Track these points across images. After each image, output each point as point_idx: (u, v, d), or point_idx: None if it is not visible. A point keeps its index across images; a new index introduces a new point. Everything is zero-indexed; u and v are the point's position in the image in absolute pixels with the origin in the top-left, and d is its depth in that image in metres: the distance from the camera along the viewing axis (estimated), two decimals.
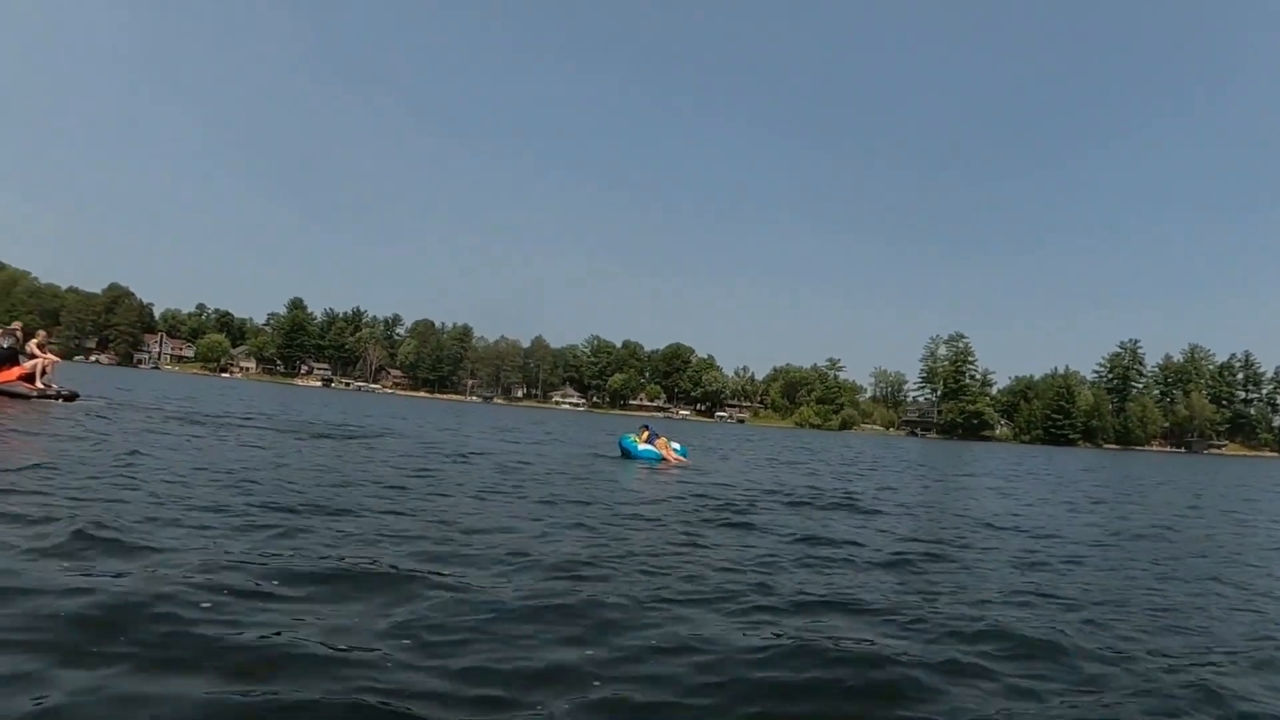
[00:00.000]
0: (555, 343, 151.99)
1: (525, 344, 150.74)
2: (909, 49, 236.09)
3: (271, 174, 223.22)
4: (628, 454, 16.28)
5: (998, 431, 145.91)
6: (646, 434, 16.71)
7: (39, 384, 16.95)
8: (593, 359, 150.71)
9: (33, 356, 17.31)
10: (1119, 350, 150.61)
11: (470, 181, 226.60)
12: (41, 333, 19.01)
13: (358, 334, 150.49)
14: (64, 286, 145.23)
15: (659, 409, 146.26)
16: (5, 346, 17.02)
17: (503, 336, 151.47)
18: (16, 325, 18.18)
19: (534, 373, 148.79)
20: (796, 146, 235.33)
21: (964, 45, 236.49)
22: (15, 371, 16.89)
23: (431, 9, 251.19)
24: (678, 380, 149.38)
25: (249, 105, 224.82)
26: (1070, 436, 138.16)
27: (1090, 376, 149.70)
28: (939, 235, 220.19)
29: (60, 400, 16.96)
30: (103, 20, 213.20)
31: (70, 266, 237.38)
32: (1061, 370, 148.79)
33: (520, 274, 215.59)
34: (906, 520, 9.21)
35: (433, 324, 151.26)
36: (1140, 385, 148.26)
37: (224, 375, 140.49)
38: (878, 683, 3.18)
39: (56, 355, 19.16)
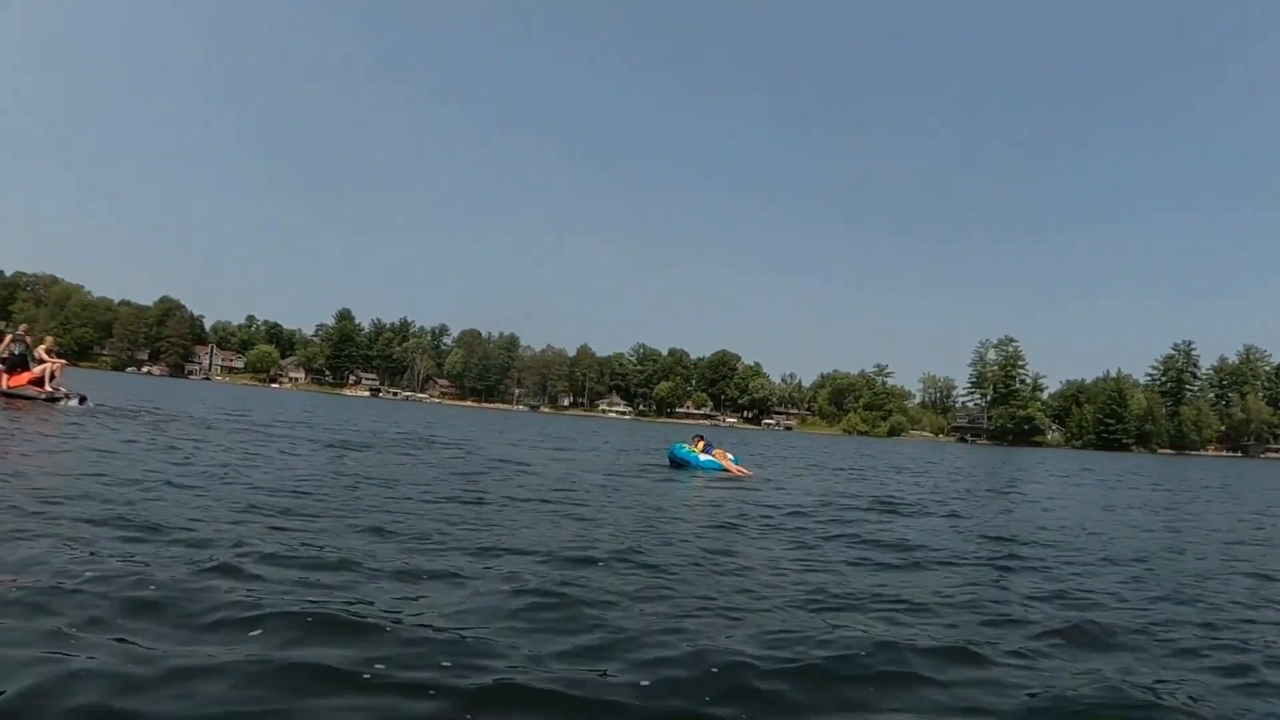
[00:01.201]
0: (601, 351, 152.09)
1: (571, 353, 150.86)
2: (941, 31, 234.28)
3: (319, 186, 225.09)
4: (683, 463, 15.42)
5: (1049, 437, 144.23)
6: (702, 444, 15.91)
7: (48, 388, 17.40)
8: (639, 367, 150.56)
9: (41, 361, 17.81)
10: (1172, 352, 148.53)
11: (514, 189, 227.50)
12: (49, 338, 19.41)
13: (405, 344, 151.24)
14: (116, 300, 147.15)
15: (705, 417, 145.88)
16: (15, 352, 17.69)
17: (549, 345, 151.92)
18: (24, 330, 18.78)
19: (580, 381, 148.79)
20: (834, 143, 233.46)
21: (994, 22, 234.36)
22: (25, 376, 17.47)
23: (467, 12, 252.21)
24: (724, 388, 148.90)
25: (296, 117, 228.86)
26: (1124, 441, 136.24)
27: (1143, 380, 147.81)
28: (987, 235, 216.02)
29: (71, 403, 17.24)
30: (154, 34, 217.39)
31: (123, 280, 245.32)
32: (1114, 373, 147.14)
33: (564, 282, 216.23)
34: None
35: (479, 334, 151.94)
36: (1195, 388, 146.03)
37: (273, 386, 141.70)
38: None
39: (64, 360, 19.68)
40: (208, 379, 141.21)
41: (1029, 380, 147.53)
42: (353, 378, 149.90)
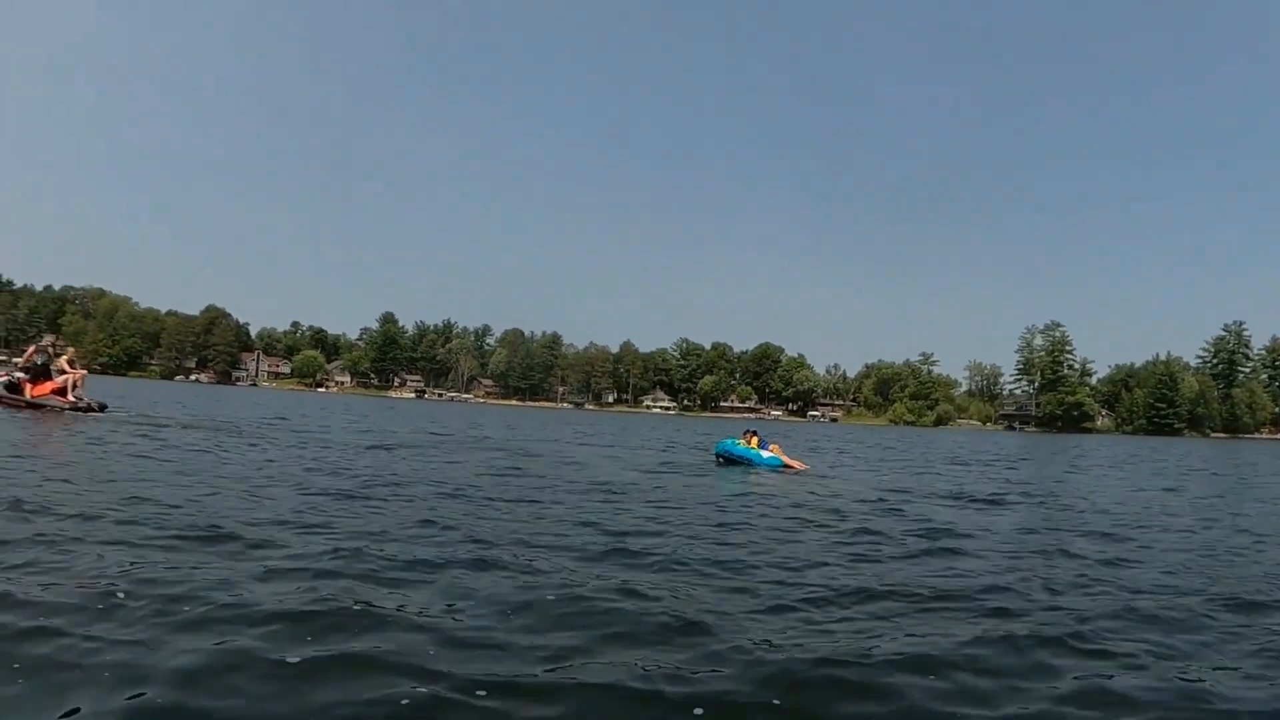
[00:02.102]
0: (644, 347, 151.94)
1: (614, 349, 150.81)
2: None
3: (359, 191, 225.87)
4: (742, 460, 14.73)
5: (1098, 423, 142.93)
6: (756, 440, 15.31)
7: (70, 397, 17.82)
8: (682, 362, 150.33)
9: (63, 372, 18.31)
10: (1223, 333, 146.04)
11: (553, 186, 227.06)
12: (71, 350, 20.10)
13: (448, 345, 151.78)
14: (163, 310, 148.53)
15: (750, 410, 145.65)
16: (39, 363, 18.28)
17: (592, 343, 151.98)
18: (47, 342, 19.67)
19: (624, 378, 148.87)
20: (872, 129, 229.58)
21: None
22: (48, 386, 17.95)
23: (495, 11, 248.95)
24: (768, 380, 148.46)
25: (334, 123, 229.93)
26: (1175, 426, 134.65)
27: (1194, 362, 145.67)
28: (1031, 218, 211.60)
29: (92, 411, 17.66)
30: (192, 47, 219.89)
31: (170, 291, 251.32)
32: (1163, 356, 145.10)
33: (604, 277, 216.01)
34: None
35: (522, 333, 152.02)
36: (1247, 370, 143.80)
37: (320, 390, 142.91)
38: None
39: (85, 370, 20.12)
40: (254, 385, 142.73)
41: (1077, 365, 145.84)
42: (397, 380, 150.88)
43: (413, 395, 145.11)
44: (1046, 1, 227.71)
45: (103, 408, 18.20)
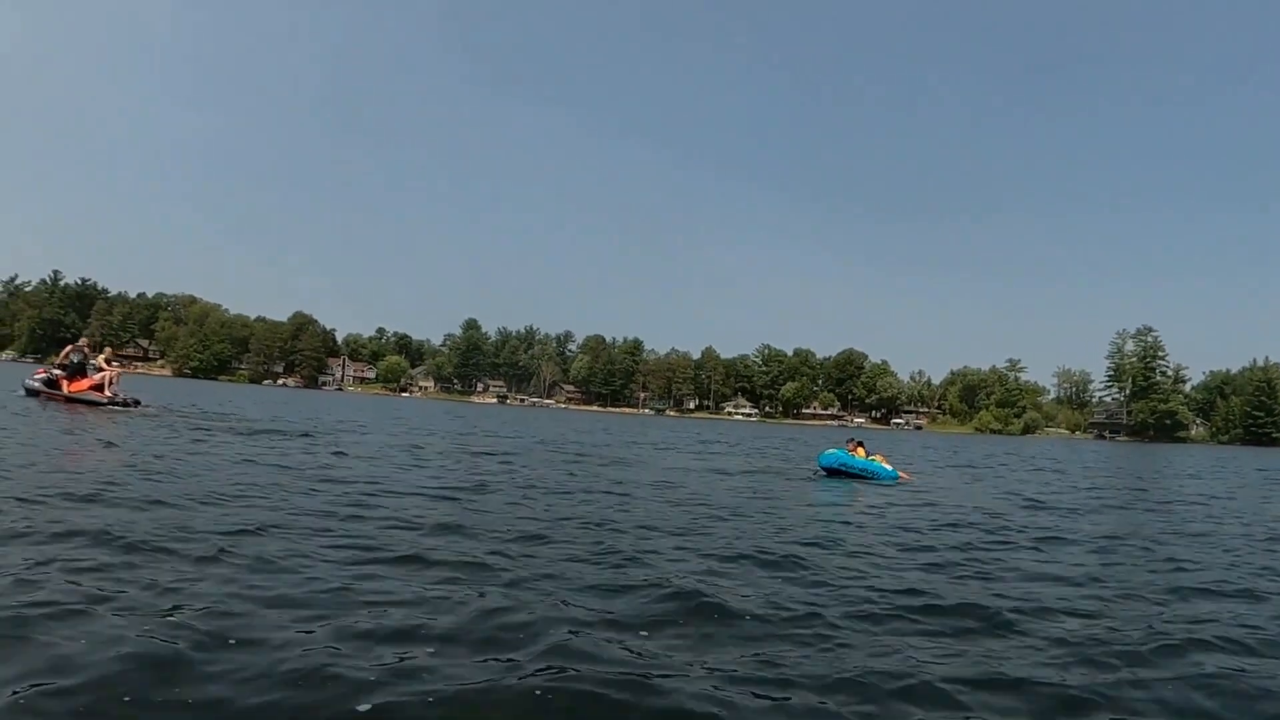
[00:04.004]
0: (726, 353, 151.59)
1: (695, 355, 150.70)
2: None
3: (443, 198, 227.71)
4: (858, 473, 13.53)
5: (1192, 432, 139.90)
6: (863, 449, 14.13)
7: (107, 393, 18.59)
8: (764, 368, 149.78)
9: (100, 369, 19.27)
10: None
11: (636, 194, 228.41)
12: (108, 348, 21.36)
13: (531, 351, 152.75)
14: (252, 317, 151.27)
15: (832, 417, 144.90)
16: (74, 361, 19.29)
17: (673, 349, 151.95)
18: (84, 341, 20.45)
19: (705, 384, 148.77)
20: (954, 129, 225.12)
21: None
22: (86, 382, 18.89)
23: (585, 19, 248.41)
24: (851, 387, 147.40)
25: (416, 130, 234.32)
26: (1274, 435, 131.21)
27: None
28: (1124, 216, 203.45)
29: (126, 407, 18.52)
30: (280, 59, 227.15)
31: (259, 298, 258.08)
32: (1261, 362, 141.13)
33: (688, 285, 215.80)
34: None
35: (603, 339, 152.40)
36: None
37: (404, 395, 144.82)
38: None
39: (120, 368, 21.09)
40: (340, 390, 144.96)
41: (1170, 372, 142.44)
42: (480, 385, 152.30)
43: (495, 400, 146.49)
44: None
45: (136, 403, 19.04)
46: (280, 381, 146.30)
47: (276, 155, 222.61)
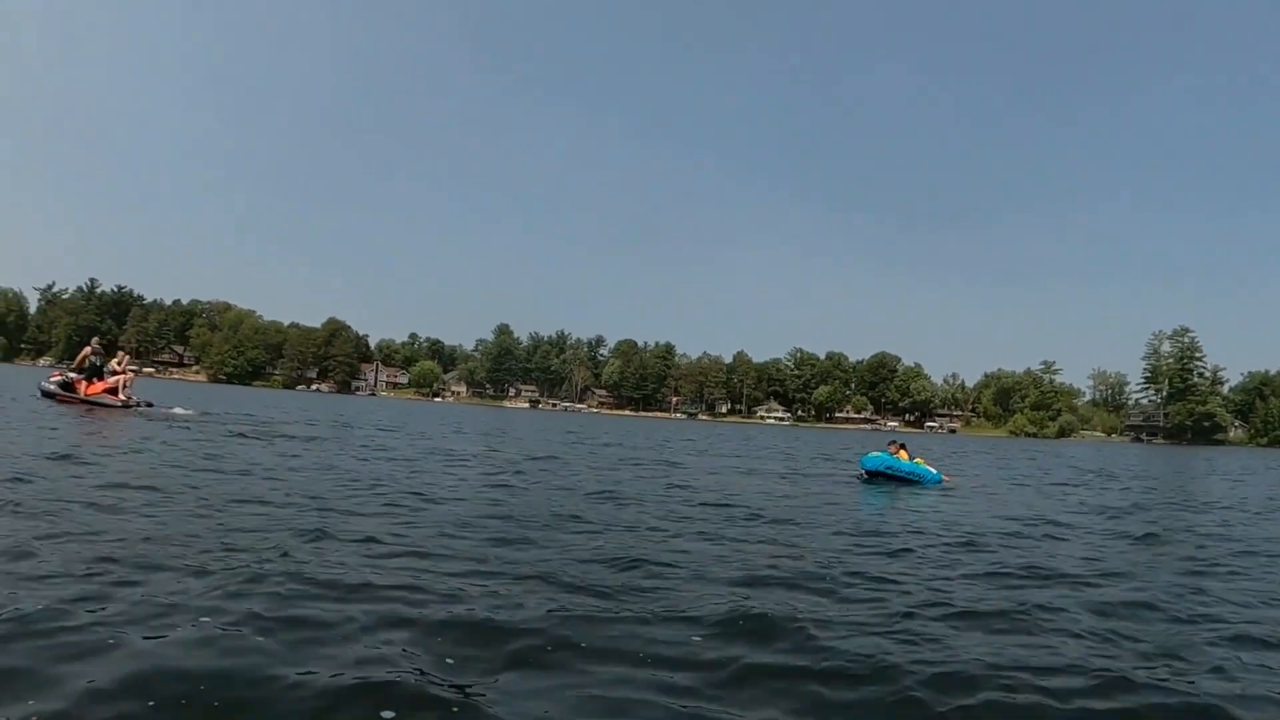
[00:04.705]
0: (758, 357, 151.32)
1: (727, 359, 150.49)
2: None
3: (475, 204, 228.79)
4: (904, 476, 13.16)
5: (1230, 434, 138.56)
6: (905, 452, 13.75)
7: (121, 396, 19.23)
8: (796, 372, 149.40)
9: (115, 373, 19.77)
10: None
11: (666, 197, 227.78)
12: (122, 353, 21.84)
13: (562, 356, 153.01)
14: (286, 323, 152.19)
15: (865, 421, 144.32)
16: (93, 364, 19.76)
17: (705, 353, 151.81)
18: (96, 343, 20.78)
19: (738, 388, 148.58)
20: (988, 132, 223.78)
21: None
22: (101, 385, 19.42)
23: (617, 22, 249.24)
24: (884, 390, 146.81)
25: (447, 135, 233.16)
26: None
27: None
28: (1159, 215, 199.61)
29: (140, 408, 19.14)
30: (308, 67, 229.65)
31: (292, 304, 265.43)
32: None
33: (719, 289, 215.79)
34: None
35: (635, 343, 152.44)
36: None
37: (436, 400, 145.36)
38: None
39: (135, 373, 21.59)
40: (373, 394, 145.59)
41: (1208, 373, 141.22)
42: (512, 390, 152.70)
43: (526, 405, 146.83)
44: None
45: (149, 405, 19.66)
46: (314, 387, 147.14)
47: (310, 163, 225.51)
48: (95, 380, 19.54)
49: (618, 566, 5.03)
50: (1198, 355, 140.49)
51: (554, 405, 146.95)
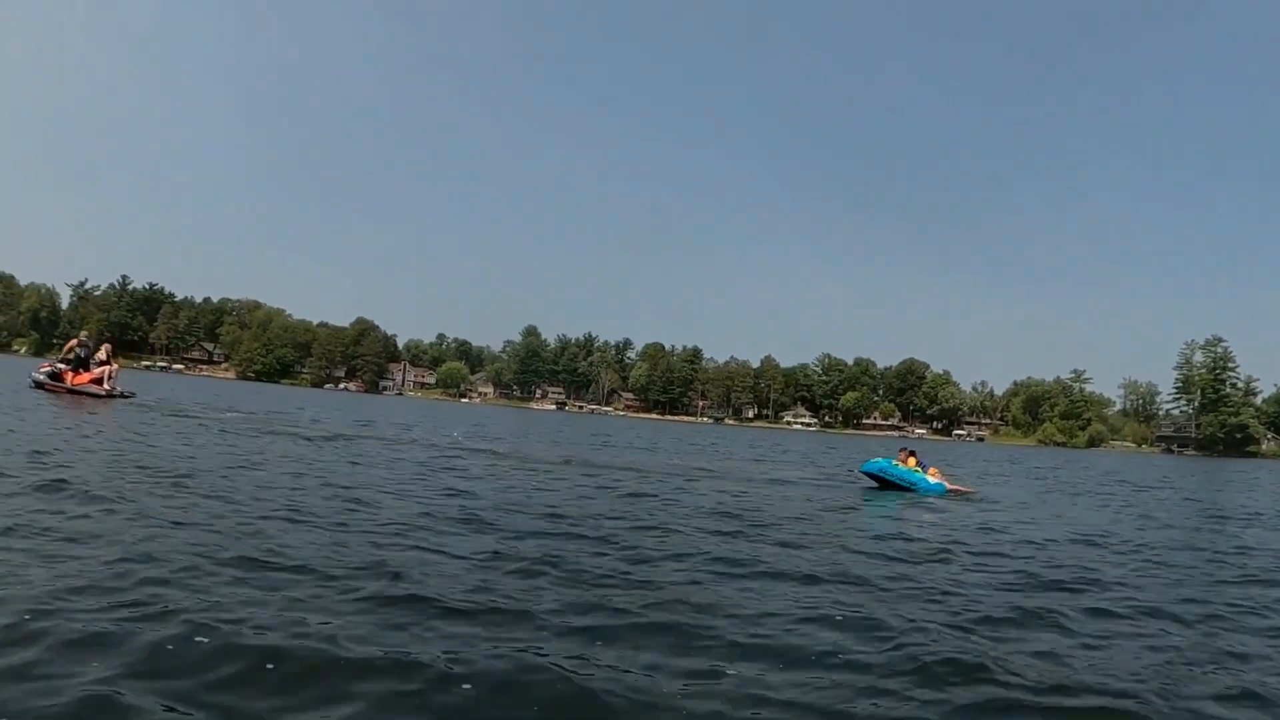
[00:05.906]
0: (785, 362, 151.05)
1: (755, 364, 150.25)
2: None
3: (504, 207, 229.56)
4: (900, 484, 13.20)
5: (1264, 446, 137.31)
6: (914, 460, 13.70)
7: (105, 386, 19.73)
8: (824, 378, 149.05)
9: (100, 364, 20.28)
10: None
11: (694, 201, 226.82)
12: (107, 345, 22.04)
13: (590, 358, 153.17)
14: (315, 322, 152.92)
15: (893, 428, 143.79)
16: (80, 355, 20.33)
17: (732, 357, 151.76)
18: (85, 335, 21.50)
19: (764, 393, 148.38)
20: (1012, 130, 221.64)
21: None
22: (86, 376, 19.99)
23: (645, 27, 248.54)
24: (912, 397, 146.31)
25: (475, 139, 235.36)
26: None
27: None
28: (1196, 222, 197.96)
29: (123, 398, 19.86)
30: (336, 70, 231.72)
31: (322, 304, 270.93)
32: None
33: (747, 293, 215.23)
34: None
35: (662, 347, 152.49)
36: None
37: (463, 400, 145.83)
38: None
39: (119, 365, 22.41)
40: (400, 394, 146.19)
41: (1241, 384, 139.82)
42: (539, 392, 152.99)
43: (553, 407, 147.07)
44: None
45: (131, 395, 20.39)
46: (341, 386, 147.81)
47: (339, 165, 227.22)
48: (81, 371, 20.28)
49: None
50: (1231, 366, 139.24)
51: (580, 408, 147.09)
